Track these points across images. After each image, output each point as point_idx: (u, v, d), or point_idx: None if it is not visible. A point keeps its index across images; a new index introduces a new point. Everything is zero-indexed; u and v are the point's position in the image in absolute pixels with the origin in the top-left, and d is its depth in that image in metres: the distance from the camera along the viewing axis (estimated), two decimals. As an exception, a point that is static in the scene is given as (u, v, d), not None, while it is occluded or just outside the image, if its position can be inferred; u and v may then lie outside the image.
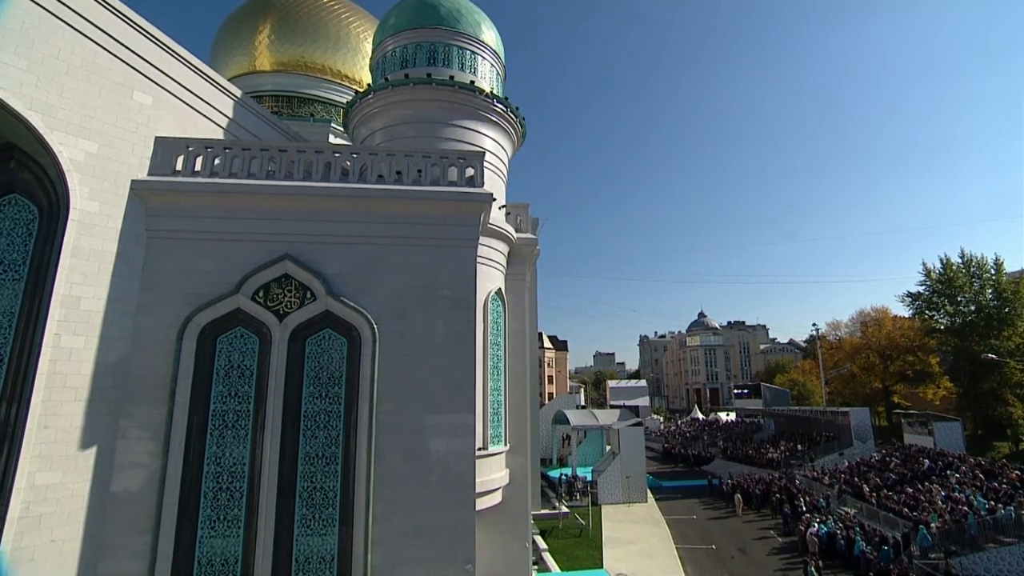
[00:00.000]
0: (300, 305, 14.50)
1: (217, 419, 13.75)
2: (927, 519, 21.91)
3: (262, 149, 15.42)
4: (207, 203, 14.62)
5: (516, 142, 20.91)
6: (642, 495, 33.90)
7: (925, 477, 28.35)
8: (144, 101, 14.63)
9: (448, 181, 15.75)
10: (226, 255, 14.48)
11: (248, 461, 13.60)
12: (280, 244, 14.71)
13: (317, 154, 15.56)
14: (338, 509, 13.62)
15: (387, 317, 14.56)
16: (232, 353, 14.24)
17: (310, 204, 14.94)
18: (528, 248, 19.47)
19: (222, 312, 14.18)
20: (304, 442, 13.95)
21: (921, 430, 38.37)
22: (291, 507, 13.47)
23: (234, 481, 13.46)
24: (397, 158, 15.67)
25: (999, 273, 48.61)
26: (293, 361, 14.27)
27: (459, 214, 15.31)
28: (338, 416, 14.19)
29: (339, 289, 14.61)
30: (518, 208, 20.06)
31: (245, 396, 13.99)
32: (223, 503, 13.27)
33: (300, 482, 13.70)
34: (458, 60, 18.85)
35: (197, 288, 14.16)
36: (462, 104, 18.09)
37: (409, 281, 14.90)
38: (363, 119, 18.96)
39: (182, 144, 14.91)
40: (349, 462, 13.84)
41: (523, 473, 18.04)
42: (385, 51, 19.51)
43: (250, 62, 36.01)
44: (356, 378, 14.27)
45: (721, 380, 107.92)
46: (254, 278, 14.37)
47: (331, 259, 14.80)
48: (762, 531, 28.10)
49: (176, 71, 15.48)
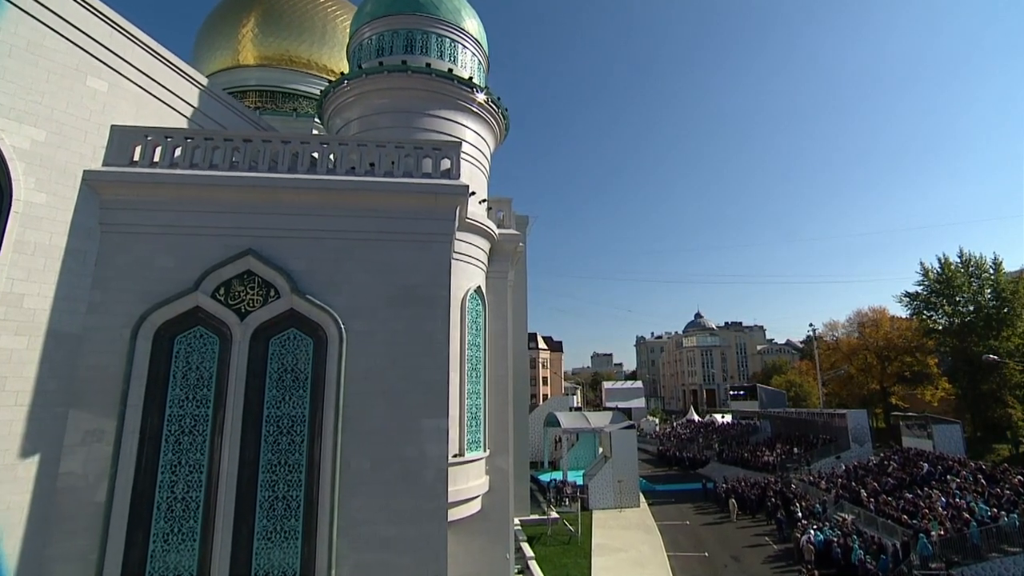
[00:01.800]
0: (263, 303, 13.69)
1: (173, 424, 12.93)
2: (927, 527, 21.11)
3: (226, 139, 14.62)
4: (166, 195, 13.81)
5: (499, 135, 20.11)
6: (634, 499, 33.08)
7: (924, 482, 27.57)
8: (99, 87, 13.81)
9: (423, 173, 14.97)
10: (185, 250, 13.68)
11: (206, 469, 12.79)
12: (243, 239, 13.90)
13: (284, 144, 14.77)
14: (301, 520, 12.79)
15: (355, 316, 13.75)
16: (190, 354, 13.43)
17: (275, 197, 14.13)
18: (511, 244, 18.66)
19: (180, 311, 13.37)
20: (266, 449, 13.14)
21: (920, 433, 37.62)
22: (251, 518, 12.64)
23: (190, 491, 12.63)
24: (369, 148, 14.88)
25: (998, 273, 47.93)
26: (255, 362, 13.46)
27: (433, 207, 14.51)
28: (303, 421, 13.38)
29: (305, 286, 13.81)
30: (501, 203, 19.26)
31: (204, 400, 13.18)
32: (178, 514, 12.44)
33: (261, 491, 12.87)
34: (437, 48, 18.05)
35: (154, 285, 13.34)
36: (440, 93, 17.29)
37: (380, 278, 14.10)
38: (337, 109, 18.15)
39: (140, 133, 14.11)
40: (313, 470, 13.02)
41: (505, 480, 17.21)
42: (361, 39, 18.71)
43: (234, 56, 35.25)
44: (322, 381, 13.46)
45: (718, 381, 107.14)
46: (214, 274, 13.56)
47: (297, 255, 14.00)
48: (756, 538, 27.31)
49: (135, 57, 14.67)
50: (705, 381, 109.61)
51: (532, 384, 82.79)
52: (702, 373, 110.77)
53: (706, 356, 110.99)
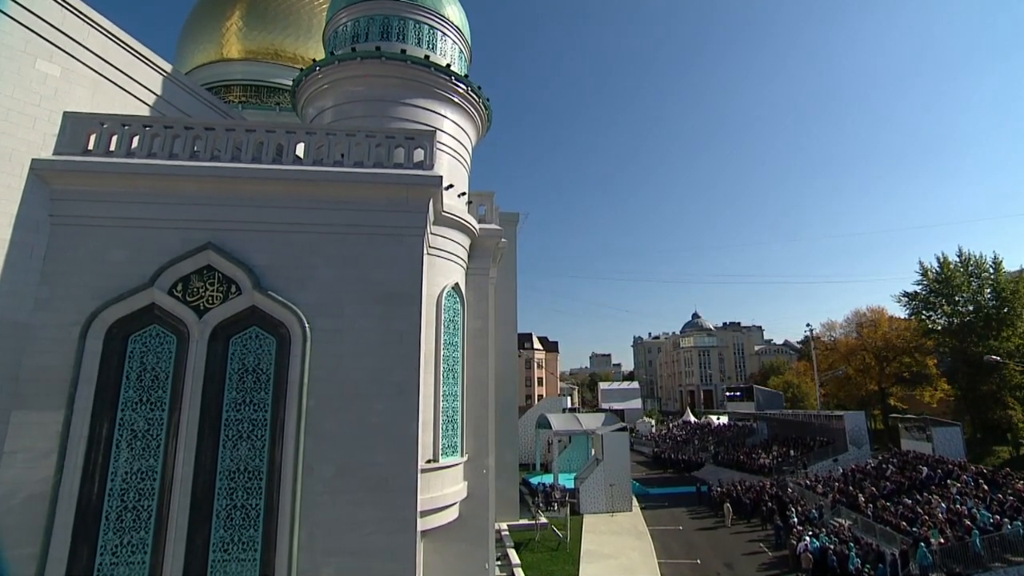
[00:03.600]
0: (223, 300, 12.93)
1: (125, 429, 12.15)
2: (927, 534, 20.32)
3: (187, 127, 13.85)
4: (121, 186, 13.05)
5: (481, 128, 19.35)
6: (627, 504, 32.30)
7: (924, 486, 26.81)
8: (50, 71, 13.03)
9: (395, 163, 14.20)
10: (141, 244, 12.92)
11: (159, 476, 12.00)
12: (203, 232, 13.14)
13: (248, 133, 14.02)
14: (260, 531, 12.02)
15: (321, 314, 12.99)
16: (145, 354, 12.66)
17: (237, 188, 13.38)
18: (492, 240, 17.89)
19: (134, 307, 12.61)
20: (224, 454, 12.36)
21: (919, 435, 36.88)
22: (206, 529, 11.87)
23: (142, 499, 11.85)
24: (338, 138, 14.14)
25: (998, 272, 47.14)
26: (214, 363, 12.68)
27: (405, 199, 13.75)
28: (264, 425, 12.61)
29: (268, 283, 13.05)
30: (483, 197, 18.50)
31: (159, 403, 12.40)
32: (128, 525, 11.65)
33: (218, 500, 12.10)
34: (415, 35, 17.27)
35: (107, 281, 12.58)
36: (417, 81, 16.51)
37: (347, 274, 13.34)
38: (310, 98, 17.37)
39: (95, 120, 13.36)
40: (274, 477, 12.25)
41: (484, 486, 16.44)
42: (337, 25, 17.95)
43: (218, 50, 34.49)
44: (285, 382, 12.70)
45: (715, 382, 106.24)
46: (172, 269, 12.80)
47: (260, 249, 13.24)
48: (751, 544, 26.52)
49: (92, 40, 13.88)
50: (702, 382, 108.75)
51: (527, 385, 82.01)
52: (699, 374, 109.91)
53: (703, 357, 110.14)
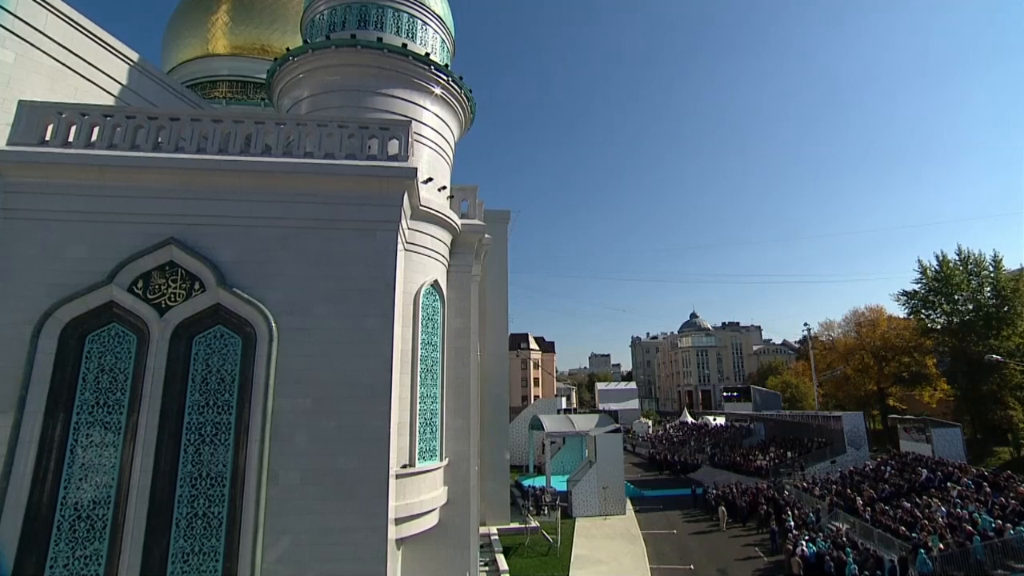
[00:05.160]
0: (187, 297, 12.33)
1: (80, 433, 11.56)
2: (927, 540, 19.67)
3: (150, 117, 13.24)
4: (80, 178, 12.45)
5: (464, 122, 18.76)
6: (620, 507, 31.65)
7: (923, 489, 26.17)
8: (3, 58, 12.47)
9: (369, 155, 13.59)
10: (101, 239, 12.33)
11: (116, 484, 11.39)
12: (166, 227, 12.57)
13: (215, 124, 13.41)
14: (223, 541, 11.41)
15: (289, 311, 12.40)
16: (104, 354, 12.07)
17: (202, 180, 12.79)
18: (475, 236, 17.29)
19: (92, 305, 12.03)
20: (185, 460, 11.77)
21: (918, 436, 36.23)
22: (165, 539, 11.27)
23: (96, 508, 11.25)
24: (309, 128, 13.55)
25: (998, 270, 46.49)
26: (176, 363, 12.09)
27: (378, 192, 13.15)
28: (228, 428, 12.01)
29: (234, 279, 12.46)
30: (465, 191, 17.90)
31: (117, 405, 11.80)
32: (81, 535, 11.04)
33: (178, 508, 11.51)
34: (393, 23, 16.67)
35: (64, 278, 12.00)
36: (394, 71, 15.91)
37: (317, 270, 12.74)
38: (286, 89, 16.77)
39: (52, 109, 12.76)
40: (238, 484, 11.64)
41: (465, 491, 15.82)
42: (314, 14, 17.34)
43: (204, 46, 33.92)
44: (250, 384, 12.08)
45: (713, 382, 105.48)
46: (132, 266, 12.22)
47: (225, 244, 12.64)
48: (746, 548, 25.87)
49: (52, 27, 13.35)
50: (700, 382, 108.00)
51: (523, 385, 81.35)
52: (697, 374, 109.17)
53: (701, 357, 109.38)
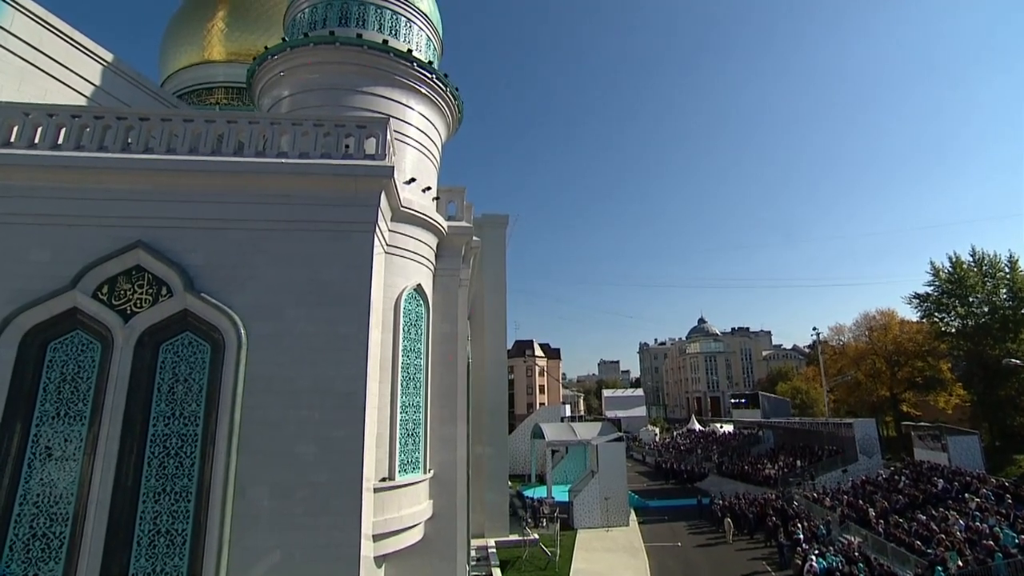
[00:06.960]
0: (153, 303, 11.81)
1: (39, 446, 11.02)
2: (944, 556, 18.59)
3: (119, 117, 12.81)
4: (43, 180, 12.01)
5: (451, 123, 18.23)
6: (623, 518, 30.66)
7: (940, 501, 24.99)
8: (-34, 57, 12.10)
9: (345, 154, 13.06)
10: (65, 243, 11.88)
11: (75, 499, 10.82)
12: (133, 230, 12.09)
13: (186, 123, 12.96)
14: (186, 560, 10.80)
15: (259, 317, 11.83)
16: (66, 363, 11.55)
17: (171, 181, 12.31)
18: (462, 239, 16.68)
19: (55, 312, 11.54)
20: (149, 473, 11.19)
21: (933, 444, 34.88)
22: (124, 558, 10.67)
23: (53, 525, 10.68)
24: (282, 127, 13.07)
25: (1014, 271, 45.09)
26: (141, 372, 11.55)
27: (353, 192, 12.60)
28: (194, 440, 11.42)
29: (203, 284, 11.93)
30: (452, 192, 17.32)
31: (78, 416, 11.27)
32: (36, 555, 10.47)
33: (140, 524, 10.92)
34: (375, 20, 16.22)
35: (26, 283, 11.54)
36: (375, 68, 15.42)
37: (290, 273, 12.18)
38: (266, 88, 16.35)
39: (17, 110, 12.39)
40: (203, 498, 11.03)
41: (451, 505, 15.09)
42: (296, 13, 16.96)
43: (200, 52, 33.87)
44: (218, 393, 11.51)
45: (722, 388, 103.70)
46: (96, 270, 11.75)
47: (194, 247, 12.14)
48: (753, 563, 24.82)
49: (18, 26, 13.01)
50: (709, 388, 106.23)
51: (528, 393, 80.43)
52: (706, 380, 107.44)
53: (710, 362, 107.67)
